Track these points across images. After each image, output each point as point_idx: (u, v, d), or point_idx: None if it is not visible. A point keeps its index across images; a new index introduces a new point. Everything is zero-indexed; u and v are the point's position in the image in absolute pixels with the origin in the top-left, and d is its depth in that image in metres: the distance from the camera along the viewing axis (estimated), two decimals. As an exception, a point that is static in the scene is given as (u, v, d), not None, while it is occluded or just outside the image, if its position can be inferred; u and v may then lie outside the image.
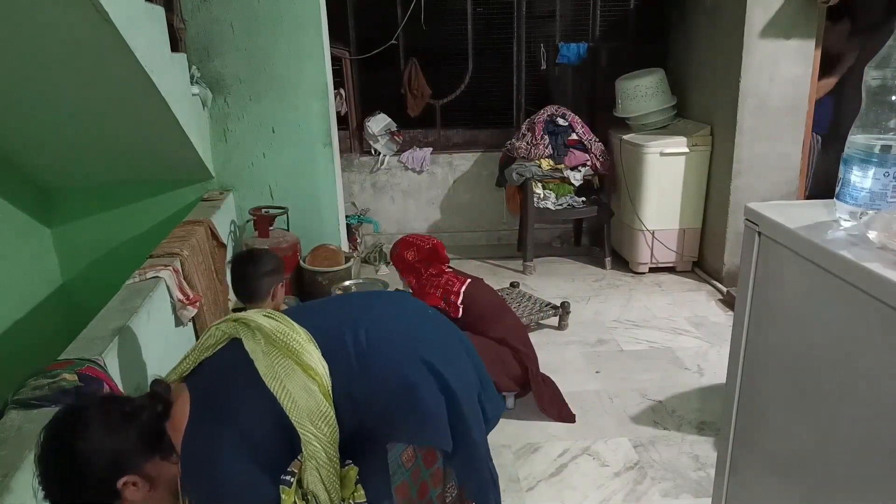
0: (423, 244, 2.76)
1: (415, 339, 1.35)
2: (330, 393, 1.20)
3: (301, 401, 1.17)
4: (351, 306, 1.48)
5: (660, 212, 4.08)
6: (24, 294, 3.28)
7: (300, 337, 1.23)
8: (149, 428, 1.16)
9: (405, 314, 1.45)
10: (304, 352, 1.21)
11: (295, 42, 3.43)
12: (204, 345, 1.29)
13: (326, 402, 1.19)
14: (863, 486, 1.00)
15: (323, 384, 1.19)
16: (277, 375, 1.18)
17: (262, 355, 1.20)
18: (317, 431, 1.17)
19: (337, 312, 1.43)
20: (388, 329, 1.35)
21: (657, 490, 2.23)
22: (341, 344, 1.27)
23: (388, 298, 1.60)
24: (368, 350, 1.27)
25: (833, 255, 1.01)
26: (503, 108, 4.81)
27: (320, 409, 1.18)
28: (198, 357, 1.29)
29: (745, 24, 3.48)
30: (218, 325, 1.30)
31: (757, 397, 1.31)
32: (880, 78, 1.01)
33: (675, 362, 3.10)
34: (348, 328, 1.30)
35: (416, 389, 1.24)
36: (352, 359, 1.25)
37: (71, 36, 2.22)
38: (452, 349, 1.41)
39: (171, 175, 3.52)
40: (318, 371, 1.19)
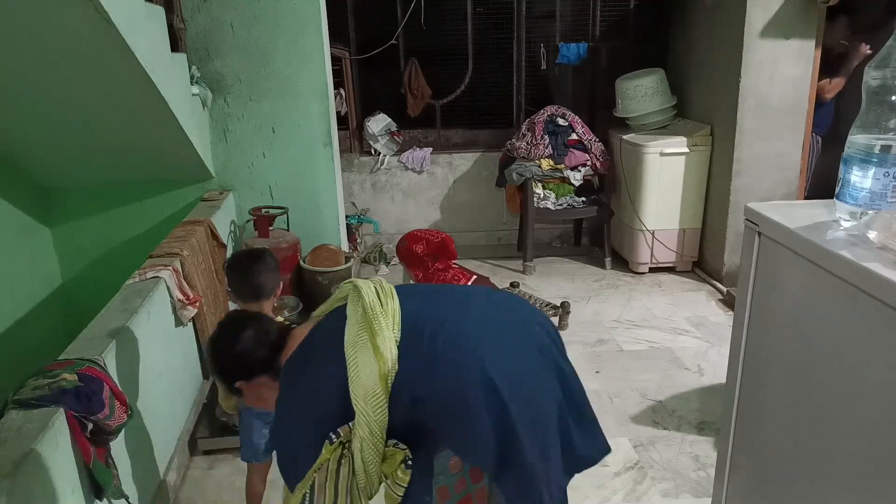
0: (432, 238, 2.76)
1: (491, 350, 1.30)
2: (389, 379, 1.22)
3: (363, 376, 1.22)
4: (450, 300, 1.48)
5: (660, 212, 4.08)
6: (24, 294, 3.28)
7: (384, 319, 1.27)
8: (266, 354, 1.42)
9: (499, 321, 1.40)
10: (380, 332, 1.24)
11: (295, 42, 3.43)
12: (337, 296, 1.40)
13: (381, 386, 1.22)
14: (863, 485, 1.00)
15: (384, 368, 1.22)
16: (356, 345, 1.24)
17: (353, 323, 1.28)
18: (366, 408, 1.21)
19: (435, 303, 1.45)
20: (467, 334, 1.32)
21: (657, 490, 2.23)
22: (419, 338, 1.28)
23: (491, 300, 1.54)
24: (439, 352, 1.27)
25: (833, 255, 1.01)
26: (503, 108, 4.81)
27: (375, 390, 1.21)
28: (330, 306, 1.41)
29: (745, 24, 3.48)
30: (345, 284, 1.40)
31: (757, 397, 1.31)
32: (880, 78, 1.01)
33: (675, 362, 3.10)
34: (430, 324, 1.31)
35: (469, 407, 1.22)
36: (421, 356, 1.26)
37: (71, 36, 2.22)
38: (538, 369, 1.35)
39: (171, 175, 3.52)
40: (384, 355, 1.22)
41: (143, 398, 2.03)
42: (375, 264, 4.53)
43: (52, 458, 1.38)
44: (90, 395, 1.52)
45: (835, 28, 3.66)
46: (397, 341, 1.26)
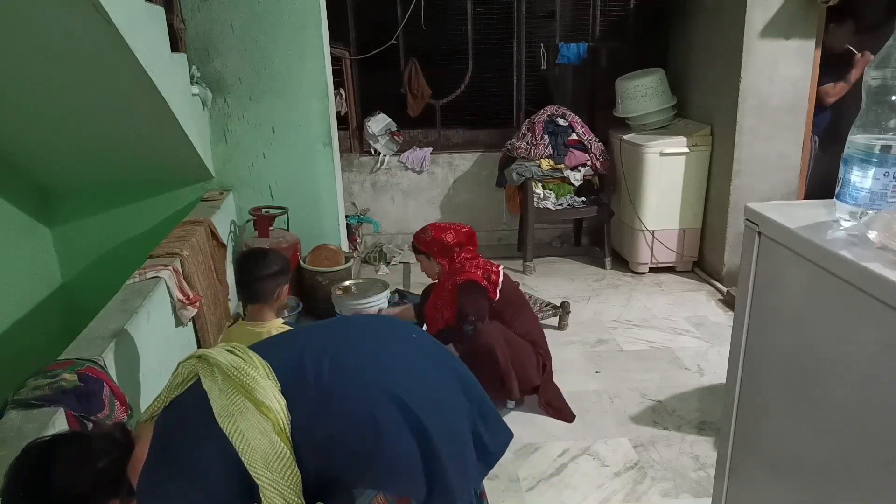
0: (460, 227, 2.76)
1: (387, 369, 1.20)
2: (287, 431, 1.09)
3: (255, 442, 1.07)
4: (324, 333, 1.32)
5: (660, 212, 4.08)
6: (24, 294, 3.28)
7: (256, 372, 1.13)
8: (107, 473, 1.12)
9: (382, 340, 1.29)
10: (258, 387, 1.10)
11: (295, 42, 3.43)
12: (173, 383, 1.23)
13: (282, 441, 1.08)
14: (863, 485, 1.00)
15: (278, 422, 1.08)
16: (231, 414, 1.08)
17: (217, 393, 1.12)
18: (272, 475, 1.07)
19: (305, 340, 1.29)
20: (356, 358, 1.21)
21: (657, 490, 2.23)
22: (301, 375, 1.15)
23: (368, 324, 1.42)
24: (330, 381, 1.14)
25: (833, 255, 1.01)
26: (503, 108, 4.81)
27: (275, 449, 1.07)
28: (168, 396, 1.23)
29: (745, 24, 3.48)
30: (183, 363, 1.24)
31: (757, 397, 1.31)
32: (880, 78, 1.01)
33: (675, 362, 3.10)
34: (311, 357, 1.18)
35: (382, 430, 1.11)
36: (311, 390, 1.13)
37: (71, 36, 2.22)
38: (439, 380, 1.25)
39: (171, 175, 3.52)
40: (271, 407, 1.08)
41: (143, 398, 2.03)
42: (375, 264, 4.52)
43: (52, 458, 1.38)
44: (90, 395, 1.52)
45: (840, 31, 3.67)
46: (279, 389, 1.13)
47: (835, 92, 3.70)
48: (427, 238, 2.73)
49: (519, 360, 2.59)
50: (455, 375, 1.29)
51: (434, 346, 1.34)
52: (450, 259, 2.72)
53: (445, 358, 1.32)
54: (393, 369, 1.20)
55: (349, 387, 1.14)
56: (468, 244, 2.72)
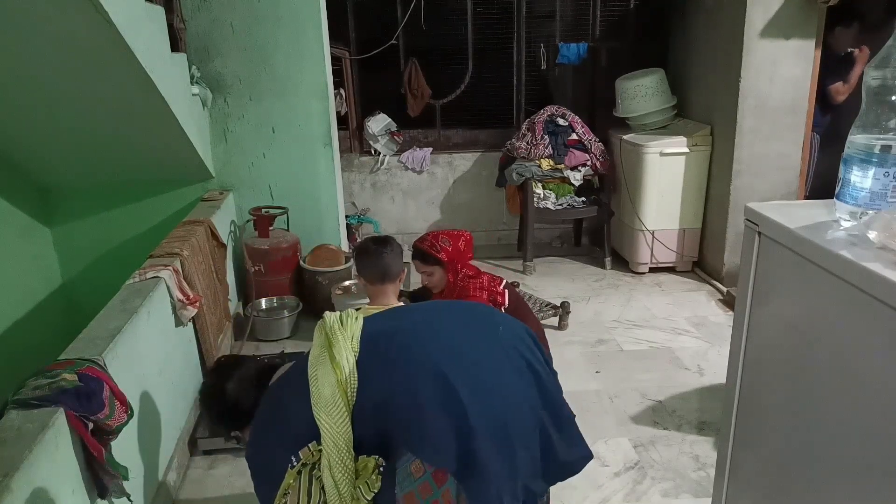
0: (462, 233, 2.64)
1: (448, 351, 1.29)
2: (348, 389, 1.24)
3: (324, 389, 1.24)
4: (413, 314, 1.50)
5: (660, 212, 4.08)
6: (24, 294, 3.28)
7: (342, 334, 1.31)
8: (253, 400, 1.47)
9: (463, 328, 1.39)
10: (336, 344, 1.28)
11: (295, 42, 3.43)
12: None
13: (341, 395, 1.23)
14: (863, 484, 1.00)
15: (341, 376, 1.24)
16: (316, 362, 1.29)
17: (315, 346, 1.33)
18: (328, 420, 1.22)
19: (396, 319, 1.47)
20: (421, 338, 1.33)
21: (657, 490, 2.23)
22: (375, 350, 1.30)
23: (455, 308, 1.56)
24: (393, 357, 1.29)
25: (833, 255, 1.01)
26: (503, 108, 4.81)
27: (334, 399, 1.23)
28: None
29: (745, 24, 3.48)
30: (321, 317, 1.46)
31: (757, 397, 1.31)
32: (880, 78, 1.01)
33: (675, 362, 3.10)
34: (385, 335, 1.34)
35: (421, 402, 1.21)
36: (377, 365, 1.28)
37: (71, 36, 2.22)
38: (505, 371, 1.30)
39: (171, 175, 3.52)
40: (339, 363, 1.25)
41: (143, 398, 2.03)
42: (375, 264, 4.52)
43: (52, 458, 1.38)
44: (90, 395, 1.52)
45: (847, 33, 3.68)
46: (356, 354, 1.29)
47: (844, 90, 3.72)
48: (448, 248, 2.58)
49: None
50: (532, 375, 1.34)
51: (520, 345, 1.38)
52: (454, 272, 2.62)
53: (528, 358, 1.35)
54: (453, 352, 1.29)
55: (405, 361, 1.27)
56: (470, 251, 2.64)
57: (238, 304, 3.63)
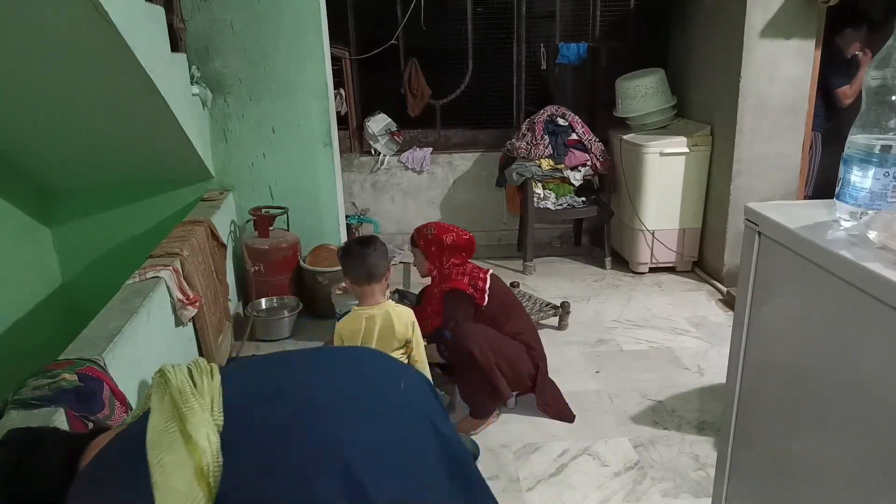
0: (462, 233, 2.72)
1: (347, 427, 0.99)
2: (211, 476, 0.92)
3: (173, 479, 0.91)
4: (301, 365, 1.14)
5: (660, 212, 4.08)
6: (24, 294, 3.27)
7: (196, 401, 0.98)
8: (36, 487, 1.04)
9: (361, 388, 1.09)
10: (192, 418, 0.95)
11: (295, 42, 3.43)
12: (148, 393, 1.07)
13: (200, 486, 0.91)
14: (863, 484, 1.00)
15: (200, 463, 0.92)
16: (161, 443, 0.94)
17: (159, 417, 0.97)
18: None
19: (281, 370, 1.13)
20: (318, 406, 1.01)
21: (657, 490, 2.23)
22: (249, 415, 0.98)
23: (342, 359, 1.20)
24: (277, 430, 0.96)
25: (833, 255, 1.01)
26: (503, 108, 4.81)
27: (191, 493, 0.90)
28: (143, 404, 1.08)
29: (745, 24, 3.48)
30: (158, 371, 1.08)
31: (757, 397, 1.31)
32: (880, 78, 1.01)
33: (675, 362, 3.10)
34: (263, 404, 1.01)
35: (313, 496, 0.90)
36: (254, 436, 0.96)
37: (71, 36, 2.22)
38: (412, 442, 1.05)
39: (171, 175, 3.52)
40: (198, 444, 0.92)
41: (143, 398, 2.03)
42: (375, 264, 4.52)
43: (52, 458, 1.38)
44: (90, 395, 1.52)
45: (856, 34, 3.69)
46: (219, 428, 0.95)
47: (851, 93, 3.73)
48: (428, 235, 2.70)
49: (507, 357, 2.57)
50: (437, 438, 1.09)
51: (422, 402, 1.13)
52: (439, 263, 2.69)
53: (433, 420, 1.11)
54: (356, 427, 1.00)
55: (295, 442, 0.95)
56: (464, 250, 2.70)
57: (238, 304, 3.63)
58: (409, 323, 2.32)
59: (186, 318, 2.46)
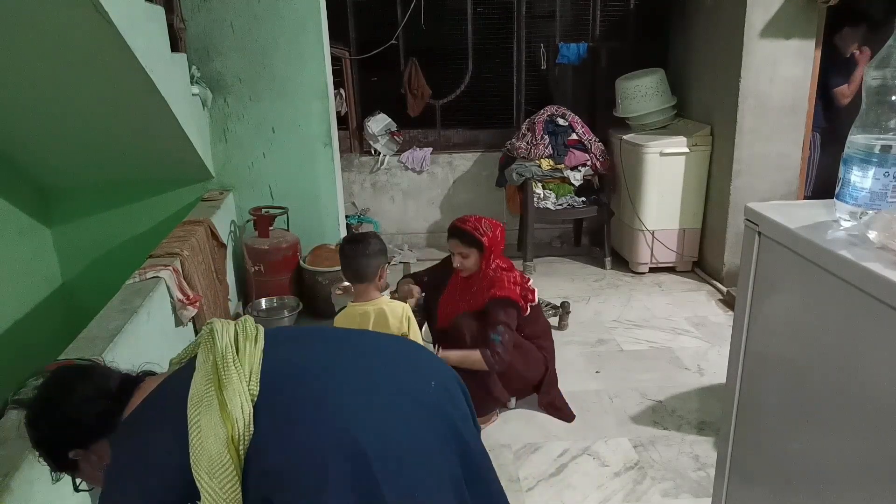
0: (502, 226, 2.62)
1: (364, 410, 1.03)
2: (241, 445, 0.97)
3: (208, 443, 0.96)
4: (326, 347, 1.18)
5: (660, 212, 4.08)
6: (24, 294, 3.28)
7: (237, 369, 1.02)
8: (102, 414, 1.11)
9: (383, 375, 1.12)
10: (229, 385, 0.99)
11: (295, 42, 3.44)
12: (198, 340, 1.16)
13: (231, 455, 0.96)
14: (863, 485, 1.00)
15: (235, 431, 0.96)
16: (201, 403, 0.99)
17: (201, 376, 1.02)
18: (212, 485, 0.96)
19: (306, 350, 1.17)
20: (335, 390, 1.05)
21: (657, 490, 2.23)
22: (278, 395, 1.02)
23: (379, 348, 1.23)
24: (298, 412, 1.01)
25: (833, 255, 1.01)
26: (503, 108, 4.81)
27: (222, 460, 0.96)
28: (190, 351, 1.17)
29: (745, 24, 3.48)
30: (209, 323, 1.16)
31: (757, 397, 1.31)
32: (880, 78, 1.01)
33: (675, 362, 3.10)
34: (293, 378, 1.06)
35: (328, 479, 0.95)
36: (277, 419, 1.01)
37: (71, 36, 2.22)
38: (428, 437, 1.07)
39: (171, 175, 3.52)
40: (231, 414, 0.97)
41: (143, 398, 2.03)
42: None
43: (52, 458, 1.38)
44: (90, 395, 1.52)
45: (854, 33, 3.69)
46: (254, 398, 1.01)
47: (849, 92, 3.73)
48: (489, 234, 2.55)
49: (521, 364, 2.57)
50: (457, 443, 1.10)
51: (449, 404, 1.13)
52: (488, 261, 2.59)
53: (456, 424, 1.12)
54: (371, 410, 1.03)
55: (316, 423, 1.00)
56: (503, 244, 2.64)
57: (238, 304, 3.63)
58: (402, 317, 2.33)
59: (186, 318, 2.46)
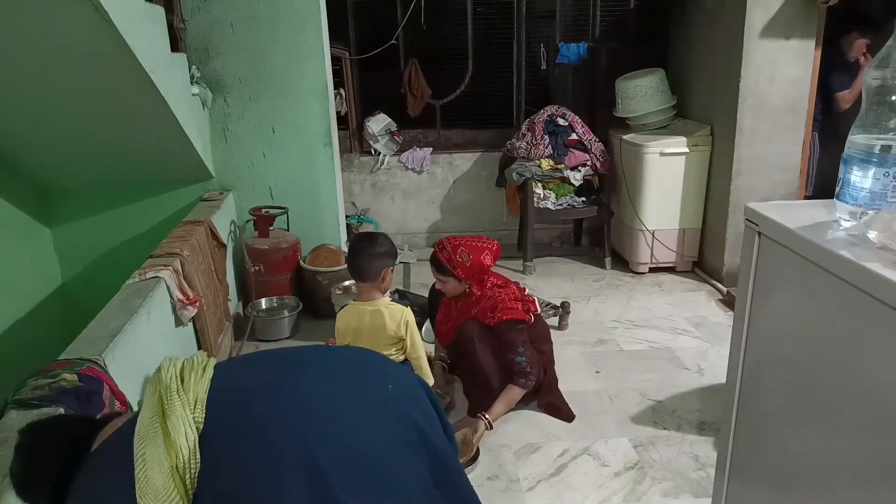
0: (491, 245, 2.57)
1: (319, 428, 0.98)
2: (188, 475, 0.93)
3: (152, 474, 0.93)
4: (278, 365, 1.14)
5: (660, 212, 4.08)
6: (24, 294, 3.28)
7: (181, 397, 0.99)
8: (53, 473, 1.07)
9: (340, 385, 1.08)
10: (172, 416, 0.96)
11: (295, 42, 3.43)
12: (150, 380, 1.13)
13: (175, 483, 0.93)
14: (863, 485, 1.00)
15: (179, 460, 0.93)
16: (146, 437, 0.96)
17: (147, 412, 0.99)
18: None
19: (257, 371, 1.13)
20: (287, 403, 1.00)
21: (657, 490, 2.23)
22: (225, 417, 0.98)
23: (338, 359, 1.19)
24: (250, 426, 0.97)
25: (833, 255, 1.01)
26: (503, 108, 4.81)
27: (167, 489, 0.92)
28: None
29: (745, 24, 3.48)
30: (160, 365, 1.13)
31: (757, 397, 1.31)
32: (880, 78, 1.01)
33: (675, 362, 3.10)
34: (241, 396, 1.02)
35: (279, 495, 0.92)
36: (225, 440, 0.97)
37: (71, 36, 2.22)
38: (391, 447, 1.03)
39: (171, 175, 3.52)
40: (175, 442, 0.93)
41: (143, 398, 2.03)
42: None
43: (52, 458, 1.38)
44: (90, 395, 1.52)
45: (862, 39, 3.70)
46: (199, 425, 0.97)
47: (850, 98, 3.74)
48: (466, 263, 2.51)
49: None
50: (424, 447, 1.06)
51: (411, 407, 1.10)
52: (479, 285, 2.57)
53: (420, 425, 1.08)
54: (329, 432, 0.99)
55: (267, 437, 0.96)
56: (494, 263, 2.61)
57: (238, 304, 3.63)
58: (401, 321, 2.33)
59: (186, 318, 2.46)
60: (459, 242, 2.55)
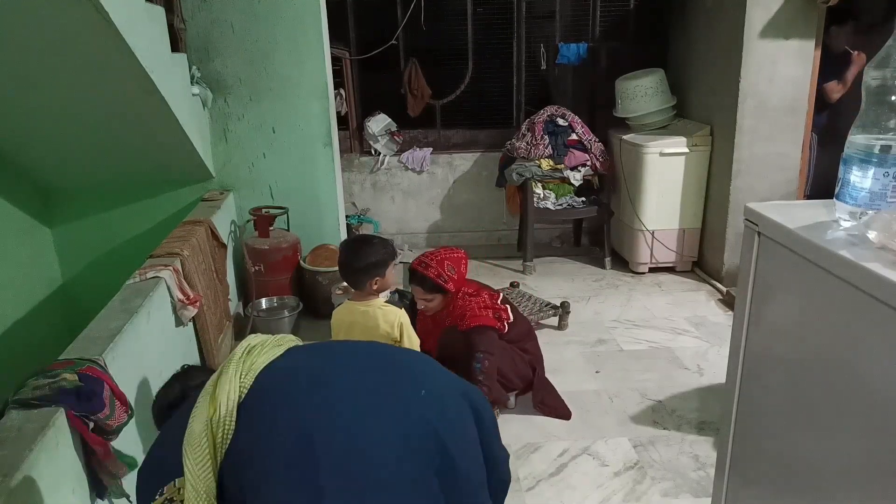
0: (464, 255, 2.59)
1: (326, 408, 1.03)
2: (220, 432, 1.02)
3: (196, 423, 1.03)
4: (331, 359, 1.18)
5: (660, 212, 4.08)
6: (24, 294, 3.27)
7: (236, 365, 1.08)
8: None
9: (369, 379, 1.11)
10: (223, 374, 1.06)
11: (295, 42, 3.44)
12: None
13: (208, 437, 1.01)
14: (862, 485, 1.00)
15: (216, 416, 1.02)
16: (206, 392, 1.07)
17: (216, 372, 1.10)
18: (191, 461, 1.01)
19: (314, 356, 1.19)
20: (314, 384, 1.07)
21: (657, 490, 2.23)
22: (263, 387, 1.07)
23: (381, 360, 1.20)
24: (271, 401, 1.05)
25: (833, 255, 1.01)
26: (503, 108, 4.81)
27: (200, 437, 1.01)
28: None
29: (744, 24, 3.48)
30: None
31: (757, 397, 1.31)
32: (880, 78, 1.01)
33: (674, 362, 3.10)
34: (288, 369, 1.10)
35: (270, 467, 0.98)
36: (257, 407, 1.04)
37: (71, 36, 2.22)
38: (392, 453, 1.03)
39: (171, 175, 3.52)
40: (218, 398, 1.03)
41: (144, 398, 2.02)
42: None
43: (52, 458, 1.38)
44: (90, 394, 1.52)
45: (841, 32, 3.68)
46: (243, 391, 1.05)
47: (839, 88, 3.73)
48: (454, 276, 2.50)
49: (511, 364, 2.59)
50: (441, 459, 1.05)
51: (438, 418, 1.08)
52: (457, 294, 2.58)
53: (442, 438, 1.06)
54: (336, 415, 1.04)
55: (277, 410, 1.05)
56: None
57: (238, 304, 3.63)
58: (395, 323, 2.30)
59: (187, 318, 2.46)
60: (442, 257, 2.55)
